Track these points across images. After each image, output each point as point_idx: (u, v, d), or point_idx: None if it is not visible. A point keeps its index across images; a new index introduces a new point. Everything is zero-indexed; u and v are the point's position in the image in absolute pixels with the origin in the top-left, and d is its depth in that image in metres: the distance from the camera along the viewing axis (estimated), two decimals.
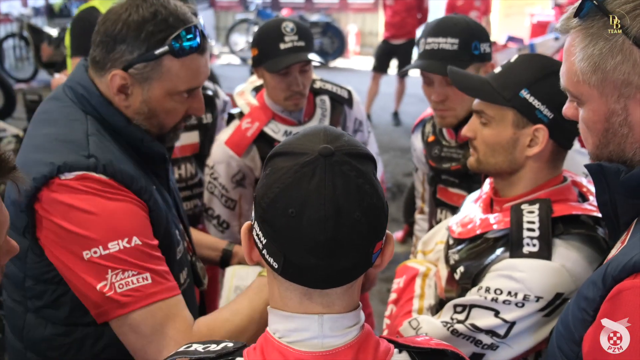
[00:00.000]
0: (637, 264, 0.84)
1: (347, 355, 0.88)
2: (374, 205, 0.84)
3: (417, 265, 1.64)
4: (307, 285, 0.87)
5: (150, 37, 1.31)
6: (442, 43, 1.91)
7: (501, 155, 1.40)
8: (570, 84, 1.01)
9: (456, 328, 1.31)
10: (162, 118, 1.40)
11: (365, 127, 2.43)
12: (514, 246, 1.31)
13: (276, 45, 2.03)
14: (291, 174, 0.84)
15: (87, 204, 1.25)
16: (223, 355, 0.93)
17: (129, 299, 1.25)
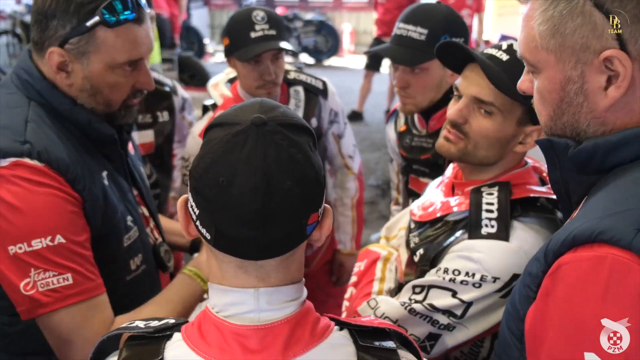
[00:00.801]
0: (577, 237, 0.82)
1: (283, 330, 0.86)
2: (307, 175, 0.83)
3: (378, 249, 1.64)
4: (240, 257, 0.86)
5: (80, 9, 1.27)
6: (411, 31, 1.89)
7: (495, 150, 1.35)
8: (527, 51, 0.97)
9: (414, 307, 1.31)
10: (107, 94, 1.37)
11: (341, 118, 2.41)
12: (472, 227, 1.30)
13: (247, 34, 2.01)
14: (223, 144, 0.83)
15: (14, 198, 1.22)
16: (161, 330, 0.92)
17: (49, 299, 1.24)
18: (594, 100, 0.92)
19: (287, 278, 0.89)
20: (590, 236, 0.81)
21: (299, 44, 10.38)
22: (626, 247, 0.77)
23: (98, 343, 0.95)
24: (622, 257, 0.77)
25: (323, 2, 11.66)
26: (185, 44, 9.17)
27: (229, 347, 0.85)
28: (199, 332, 0.88)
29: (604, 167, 0.92)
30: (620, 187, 0.88)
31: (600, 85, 0.90)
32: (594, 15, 0.87)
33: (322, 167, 0.88)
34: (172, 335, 0.91)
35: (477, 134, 1.34)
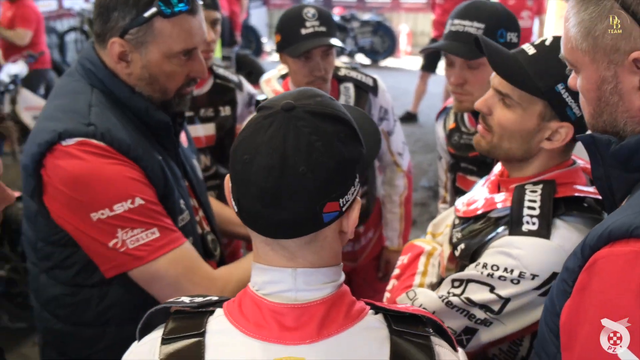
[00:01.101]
0: (613, 232, 0.83)
1: (319, 310, 0.90)
2: (324, 163, 0.85)
3: (423, 244, 1.65)
4: (257, 232, 0.90)
5: (138, 1, 1.35)
6: (467, 26, 1.89)
7: (517, 142, 1.36)
8: (566, 51, 0.99)
9: (451, 300, 1.32)
10: (163, 82, 1.44)
11: (390, 115, 2.43)
12: (513, 224, 1.30)
13: (297, 31, 2.05)
14: (253, 125, 0.88)
15: (88, 170, 1.32)
16: (204, 305, 0.97)
17: (143, 253, 1.34)
18: (628, 99, 0.93)
19: (318, 261, 0.92)
20: (626, 231, 0.81)
21: (355, 44, 10.40)
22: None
23: (147, 314, 1.00)
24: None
25: (381, 3, 11.63)
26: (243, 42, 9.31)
27: (266, 324, 0.90)
28: (239, 309, 0.93)
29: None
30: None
31: (634, 85, 0.91)
32: (622, 17, 0.88)
33: (353, 159, 0.89)
34: (214, 310, 0.96)
35: (498, 125, 1.36)
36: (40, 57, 5.82)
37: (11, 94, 5.15)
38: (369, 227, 2.51)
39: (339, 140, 0.88)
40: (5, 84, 5.15)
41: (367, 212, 2.47)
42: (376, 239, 2.57)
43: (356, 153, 0.91)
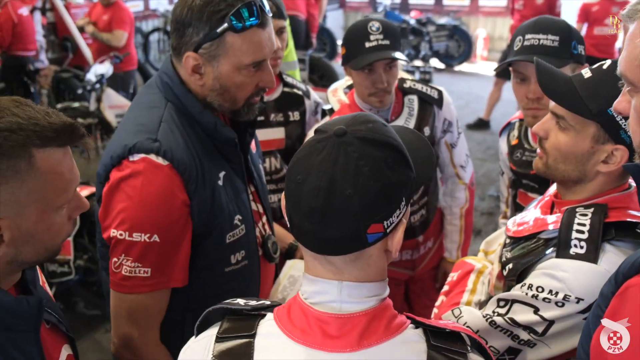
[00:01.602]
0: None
1: (361, 321, 0.96)
2: (369, 187, 0.90)
3: (474, 261, 1.68)
4: (305, 247, 0.97)
5: (211, 17, 1.43)
6: (542, 39, 1.90)
7: (572, 165, 1.38)
8: (628, 69, 0.97)
9: (495, 320, 1.35)
10: (234, 92, 1.52)
11: (454, 127, 2.45)
12: (561, 246, 1.31)
13: (362, 44, 2.12)
14: (308, 147, 0.96)
15: (134, 193, 1.43)
16: (257, 309, 1.05)
17: (129, 283, 1.47)
18: None
19: (364, 277, 0.98)
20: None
21: (430, 48, 10.31)
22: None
23: (204, 313, 1.09)
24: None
25: (458, 6, 11.48)
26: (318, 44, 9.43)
27: (311, 330, 0.97)
28: (288, 315, 1.00)
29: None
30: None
31: None
32: None
33: (400, 184, 0.94)
34: (265, 314, 1.04)
35: (553, 148, 1.39)
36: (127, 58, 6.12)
37: (97, 93, 5.46)
38: (429, 237, 2.54)
39: (387, 165, 0.93)
40: (92, 83, 5.47)
41: (427, 222, 2.50)
42: (436, 248, 2.60)
43: (404, 177, 0.96)
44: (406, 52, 10.35)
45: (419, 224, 2.45)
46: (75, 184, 1.18)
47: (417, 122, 2.32)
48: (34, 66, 6.59)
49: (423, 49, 10.31)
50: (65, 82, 6.33)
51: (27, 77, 6.52)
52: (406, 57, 10.06)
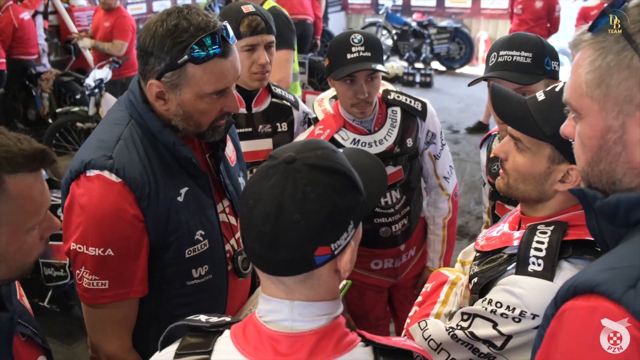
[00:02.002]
0: (578, 287, 0.89)
1: (311, 339, 1.01)
2: (316, 212, 0.95)
3: (448, 273, 1.72)
4: (259, 269, 1.02)
5: (172, 48, 1.45)
6: (515, 56, 1.95)
7: (531, 185, 1.43)
8: (573, 97, 1.01)
9: (456, 334, 1.39)
10: (197, 118, 1.56)
11: (438, 139, 2.48)
12: (520, 263, 1.35)
13: (344, 55, 2.17)
14: (259, 173, 1.00)
15: (88, 207, 1.49)
16: (216, 326, 1.10)
17: (89, 295, 1.54)
18: (632, 151, 0.94)
19: (314, 296, 1.02)
20: (589, 287, 0.87)
21: (431, 50, 10.34)
22: (617, 301, 0.82)
23: (168, 329, 1.14)
24: (612, 310, 0.82)
25: (460, 8, 11.48)
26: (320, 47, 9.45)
27: (263, 348, 1.01)
28: (243, 332, 1.05)
29: (629, 222, 0.95)
30: (633, 244, 0.92)
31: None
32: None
33: (347, 208, 0.98)
34: (224, 331, 1.08)
35: (512, 169, 1.44)
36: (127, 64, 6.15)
37: (96, 98, 5.53)
38: (411, 246, 2.58)
39: (334, 190, 0.97)
40: (91, 88, 5.53)
41: (409, 231, 2.53)
42: (418, 257, 2.63)
43: (352, 202, 1.00)
44: (407, 55, 10.39)
45: (400, 233, 2.48)
46: (46, 206, 1.23)
47: (400, 133, 2.36)
48: (36, 70, 6.67)
49: (424, 52, 10.34)
50: (67, 86, 6.41)
51: (28, 81, 6.60)
52: (407, 59, 10.19)
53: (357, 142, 2.33)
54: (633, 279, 0.83)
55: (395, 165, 2.37)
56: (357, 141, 2.33)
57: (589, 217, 1.05)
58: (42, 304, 3.82)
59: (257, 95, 2.45)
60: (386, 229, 2.44)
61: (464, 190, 5.69)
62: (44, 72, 6.64)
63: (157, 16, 1.51)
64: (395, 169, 2.37)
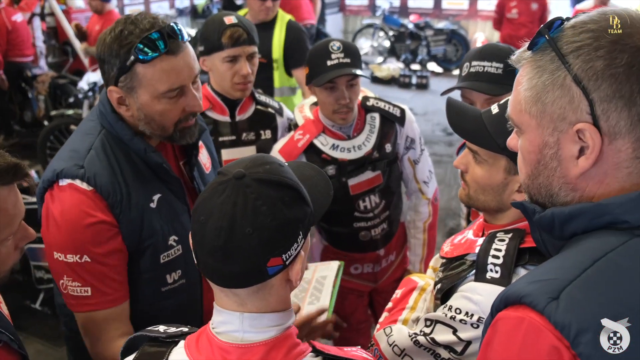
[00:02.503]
0: (509, 297, 0.92)
1: (260, 350, 1.04)
2: (267, 225, 0.98)
3: (418, 279, 1.74)
4: (213, 282, 1.05)
5: (119, 51, 1.48)
6: (487, 66, 1.99)
7: (490, 195, 1.46)
8: (513, 112, 1.04)
9: (418, 340, 1.42)
10: (159, 120, 1.57)
11: (417, 144, 2.52)
12: (478, 270, 1.38)
13: (324, 62, 2.21)
14: (210, 190, 1.03)
15: (63, 216, 1.52)
16: (172, 336, 1.13)
17: (74, 302, 1.57)
18: (566, 166, 0.98)
19: (266, 307, 1.05)
20: (517, 297, 0.90)
21: (427, 52, 10.37)
22: (540, 312, 0.86)
23: (128, 339, 1.17)
24: (536, 320, 0.86)
25: (457, 10, 11.52)
26: None
27: (214, 359, 1.04)
28: (197, 343, 1.08)
29: (564, 235, 0.99)
30: (562, 258, 0.96)
31: (573, 154, 0.96)
32: (572, 90, 0.93)
33: (296, 219, 1.02)
34: (179, 342, 1.11)
35: (471, 180, 1.47)
36: None
37: (90, 101, 5.57)
38: (390, 251, 2.61)
39: (283, 203, 1.01)
40: (84, 91, 5.57)
41: (389, 236, 2.57)
42: (398, 262, 2.66)
43: (300, 214, 1.04)
44: (404, 57, 10.41)
45: (380, 237, 2.52)
46: (20, 218, 1.28)
47: (378, 139, 2.40)
48: (32, 72, 6.70)
49: (421, 53, 10.36)
50: (62, 88, 6.44)
51: (25, 83, 6.64)
52: (403, 61, 10.21)
53: (336, 147, 2.36)
54: (556, 291, 0.86)
55: (374, 170, 2.40)
56: (337, 146, 2.36)
57: (533, 229, 1.09)
58: (33, 306, 3.86)
59: (241, 103, 2.48)
60: (365, 233, 2.48)
61: (456, 192, 5.70)
62: (40, 75, 6.67)
63: (110, 26, 1.54)
64: (374, 174, 2.41)
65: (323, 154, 2.36)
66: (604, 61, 0.90)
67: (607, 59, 0.90)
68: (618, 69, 0.90)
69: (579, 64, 0.92)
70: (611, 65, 0.90)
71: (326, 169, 2.34)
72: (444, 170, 6.27)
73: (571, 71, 0.93)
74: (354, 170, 2.37)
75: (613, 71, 0.90)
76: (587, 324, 0.83)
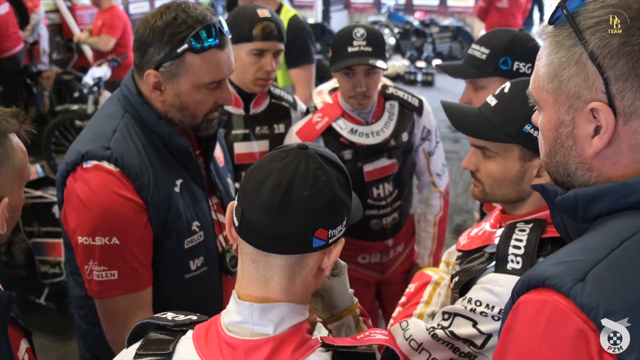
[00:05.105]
0: (531, 280, 0.89)
1: (268, 345, 0.99)
2: (324, 194, 0.99)
3: (432, 273, 1.71)
4: (253, 244, 1.00)
5: (172, 38, 1.50)
6: (475, 50, 2.00)
7: (509, 188, 1.42)
8: (533, 89, 1.02)
9: (436, 333, 1.38)
10: (193, 109, 1.59)
11: (433, 136, 2.51)
12: (499, 261, 1.34)
13: (344, 48, 2.21)
14: (270, 156, 1.03)
15: (90, 198, 1.48)
16: (180, 325, 1.08)
17: (100, 288, 1.53)
18: (581, 146, 0.95)
19: (289, 290, 1.02)
20: (540, 280, 0.86)
21: (433, 49, 10.33)
22: (565, 294, 0.82)
23: (134, 326, 1.13)
24: (561, 303, 0.82)
25: (463, 7, 11.46)
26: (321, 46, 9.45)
27: (220, 352, 1.00)
28: (205, 334, 1.04)
29: (587, 217, 0.95)
30: (586, 239, 0.92)
31: (588, 133, 0.93)
32: (588, 67, 0.90)
33: (345, 203, 1.03)
34: (187, 331, 1.07)
35: (486, 177, 1.43)
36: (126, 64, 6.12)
37: (94, 96, 5.53)
38: (399, 242, 2.59)
39: (338, 183, 1.03)
40: (89, 86, 5.54)
41: (399, 226, 2.55)
42: (406, 254, 2.64)
43: (348, 201, 1.05)
44: (409, 54, 10.37)
45: (390, 227, 2.50)
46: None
47: (396, 127, 2.39)
48: (37, 68, 6.66)
49: (426, 50, 10.32)
50: (67, 84, 6.41)
51: (29, 79, 6.60)
52: (409, 58, 10.17)
53: (354, 131, 2.35)
54: (582, 273, 0.82)
55: (390, 157, 2.40)
56: (355, 131, 2.35)
57: (553, 213, 1.05)
58: (38, 301, 3.83)
59: (256, 96, 2.43)
60: (377, 221, 2.46)
61: (462, 189, 5.68)
62: (45, 71, 6.63)
63: (155, 10, 1.55)
64: (389, 162, 2.41)
65: (341, 138, 2.34)
66: (620, 38, 0.87)
67: (623, 36, 0.86)
68: (634, 47, 0.86)
69: (595, 41, 0.89)
70: (628, 43, 0.86)
71: (343, 153, 2.32)
72: (450, 167, 6.22)
73: (587, 48, 0.89)
74: (370, 155, 2.36)
75: (629, 49, 0.86)
76: (615, 306, 0.79)
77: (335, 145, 2.31)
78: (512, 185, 1.41)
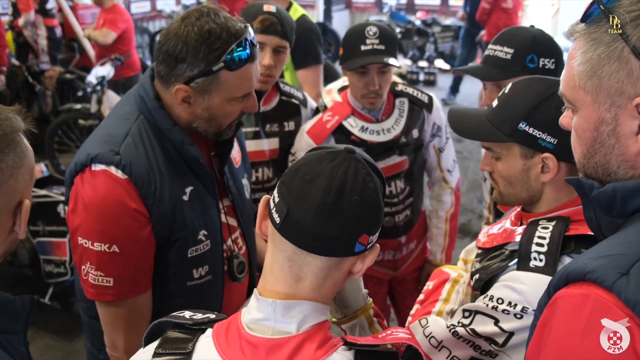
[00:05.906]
0: (570, 274, 0.87)
1: (291, 344, 0.97)
2: (372, 199, 1.00)
3: (450, 270, 1.69)
4: (295, 243, 0.98)
5: (207, 55, 1.45)
6: (498, 51, 1.97)
7: (518, 186, 1.42)
8: (567, 89, 1.00)
9: (457, 331, 1.36)
10: (221, 120, 1.57)
11: (443, 132, 2.50)
12: (521, 259, 1.32)
13: (358, 47, 2.19)
14: (317, 155, 1.02)
15: (95, 202, 1.46)
16: (199, 324, 1.06)
17: (93, 291, 1.52)
18: (625, 143, 0.93)
19: (317, 290, 1.01)
20: (580, 274, 0.85)
21: (435, 49, 10.31)
22: (608, 289, 0.80)
23: (151, 325, 1.11)
24: (604, 297, 0.80)
25: None
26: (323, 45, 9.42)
27: (241, 351, 0.98)
28: (226, 332, 1.02)
29: (626, 211, 0.93)
30: (626, 233, 0.90)
31: (632, 129, 0.91)
32: (631, 62, 0.88)
33: (383, 210, 1.06)
34: (206, 329, 1.04)
35: (498, 177, 1.45)
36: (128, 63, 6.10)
37: (98, 95, 5.51)
38: (411, 239, 2.57)
39: (381, 192, 1.03)
40: (93, 85, 5.52)
41: (411, 223, 2.54)
42: (419, 250, 2.63)
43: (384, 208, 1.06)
44: (411, 53, 10.35)
45: (402, 224, 2.49)
46: None
47: (407, 124, 2.38)
48: (39, 67, 6.64)
49: (428, 50, 10.30)
50: (70, 84, 6.39)
51: (32, 78, 6.58)
52: (410, 58, 10.16)
53: (365, 129, 2.34)
54: (626, 267, 0.81)
55: (401, 154, 2.39)
56: (365, 129, 2.34)
57: (586, 207, 1.03)
58: (42, 300, 3.81)
59: (265, 94, 2.41)
60: (389, 218, 2.45)
61: (466, 188, 5.66)
62: (48, 70, 6.60)
63: (184, 19, 1.48)
64: (401, 159, 2.40)
65: (352, 136, 2.33)
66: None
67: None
68: None
69: (638, 34, 0.87)
70: None
71: None
72: None
73: (629, 42, 0.87)
74: (381, 153, 2.35)
75: None
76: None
77: (345, 143, 2.27)
78: (520, 183, 1.41)
